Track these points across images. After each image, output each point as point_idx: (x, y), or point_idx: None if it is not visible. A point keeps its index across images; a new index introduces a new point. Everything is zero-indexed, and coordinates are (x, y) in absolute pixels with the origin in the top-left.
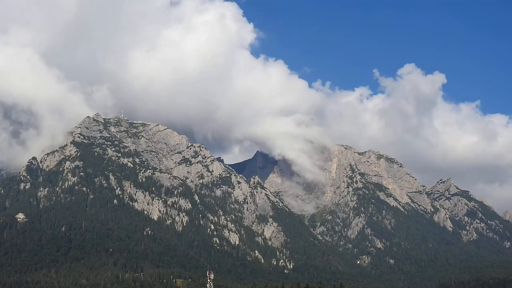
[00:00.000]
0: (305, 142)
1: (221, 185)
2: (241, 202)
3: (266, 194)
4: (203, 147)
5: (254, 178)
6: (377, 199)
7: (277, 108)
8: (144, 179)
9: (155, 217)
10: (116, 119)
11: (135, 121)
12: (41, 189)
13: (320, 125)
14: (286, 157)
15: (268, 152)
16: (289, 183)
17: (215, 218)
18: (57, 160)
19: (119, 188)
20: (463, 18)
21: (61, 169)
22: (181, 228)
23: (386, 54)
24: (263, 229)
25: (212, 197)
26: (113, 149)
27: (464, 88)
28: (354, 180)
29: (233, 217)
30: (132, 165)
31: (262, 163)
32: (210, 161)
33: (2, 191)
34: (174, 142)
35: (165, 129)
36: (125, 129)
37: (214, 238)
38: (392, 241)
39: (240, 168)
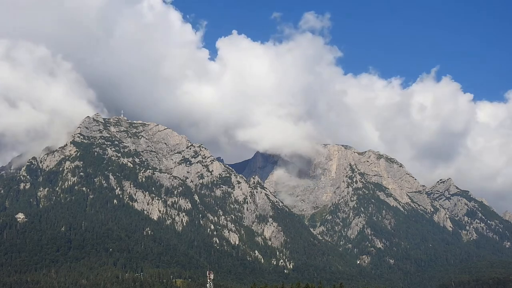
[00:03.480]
0: (305, 141)
1: (221, 185)
2: (241, 202)
3: (266, 194)
4: (203, 147)
5: (254, 178)
6: (377, 199)
7: None
8: (144, 179)
9: (155, 217)
10: (116, 119)
11: (135, 121)
12: (41, 189)
13: (320, 124)
14: (286, 157)
15: (268, 152)
16: (289, 183)
17: (215, 218)
18: (57, 160)
19: (119, 188)
20: None
21: (61, 169)
22: (181, 228)
23: None
24: (263, 229)
25: (212, 197)
26: (113, 149)
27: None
28: (354, 180)
29: (233, 217)
30: (132, 165)
31: (262, 163)
32: (210, 161)
33: (2, 191)
34: (174, 142)
35: (165, 129)
36: (125, 129)
37: (214, 238)
38: (392, 241)
39: (240, 168)
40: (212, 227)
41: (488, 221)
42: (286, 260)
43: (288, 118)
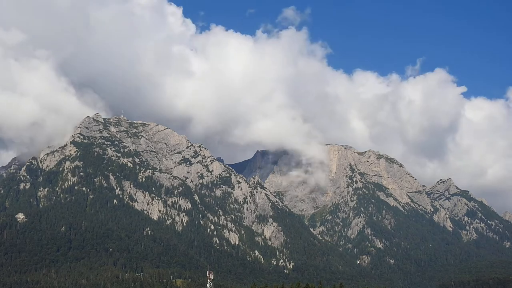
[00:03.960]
0: (305, 142)
1: (221, 185)
2: (241, 202)
3: (266, 194)
4: (203, 147)
5: (254, 178)
6: (377, 199)
7: None
8: (144, 179)
9: (155, 217)
10: (116, 119)
11: (135, 121)
12: (41, 189)
13: (320, 124)
14: (286, 157)
15: (268, 152)
16: (289, 183)
17: (215, 218)
18: (57, 160)
19: (119, 188)
20: None
21: (61, 169)
22: (181, 228)
23: None
24: (263, 229)
25: (212, 197)
26: (113, 149)
27: None
28: (354, 180)
29: (233, 217)
30: (132, 165)
31: (262, 163)
32: (210, 161)
33: (2, 191)
34: (174, 142)
35: (165, 129)
36: (125, 129)
37: (214, 238)
38: (392, 241)
39: (240, 168)
40: (212, 227)
41: (488, 221)
42: (286, 260)
43: (284, 116)
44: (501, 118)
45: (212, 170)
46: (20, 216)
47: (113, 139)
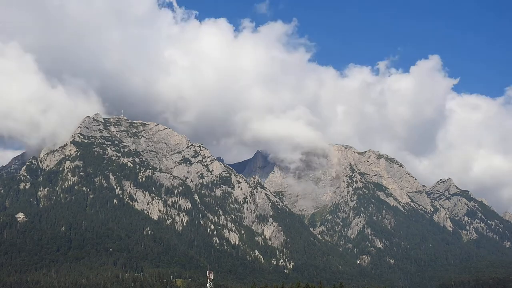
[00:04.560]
0: (305, 141)
1: (221, 185)
2: (241, 202)
3: (266, 194)
4: (203, 147)
5: (254, 178)
6: (377, 199)
7: None
8: (144, 179)
9: (155, 217)
10: (116, 119)
11: (135, 121)
12: (41, 188)
13: (320, 124)
14: (286, 156)
15: (268, 152)
16: (289, 183)
17: (215, 218)
18: (57, 160)
19: (119, 188)
20: None
21: (61, 168)
22: (181, 228)
23: None
24: (263, 229)
25: (212, 197)
26: (113, 148)
27: None
28: (354, 180)
29: (233, 217)
30: (132, 165)
31: (262, 163)
32: (210, 160)
33: (2, 191)
34: (174, 141)
35: (165, 128)
36: (125, 128)
37: (214, 238)
38: (392, 241)
39: (240, 168)
40: (212, 227)
41: (488, 221)
42: (286, 260)
43: (284, 116)
44: (493, 111)
45: (212, 170)
46: (20, 216)
47: (113, 138)
